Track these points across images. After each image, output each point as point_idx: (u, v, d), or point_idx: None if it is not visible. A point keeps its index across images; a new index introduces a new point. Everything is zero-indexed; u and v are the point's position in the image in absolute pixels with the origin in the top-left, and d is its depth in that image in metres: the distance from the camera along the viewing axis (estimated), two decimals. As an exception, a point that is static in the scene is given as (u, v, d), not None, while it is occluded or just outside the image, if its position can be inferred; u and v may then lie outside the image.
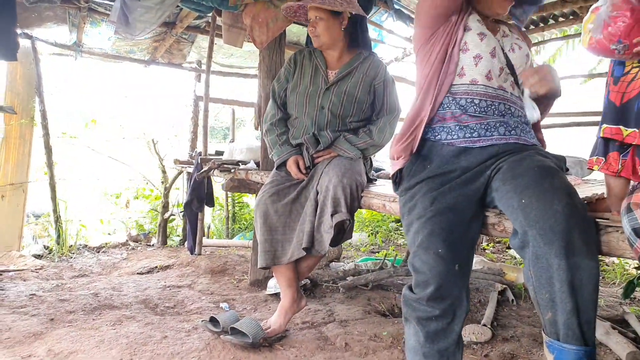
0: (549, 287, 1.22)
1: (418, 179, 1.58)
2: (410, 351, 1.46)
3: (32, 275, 3.47)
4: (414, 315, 1.44)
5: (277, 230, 2.22)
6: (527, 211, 1.28)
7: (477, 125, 1.62)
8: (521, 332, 2.54)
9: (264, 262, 2.21)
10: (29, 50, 4.13)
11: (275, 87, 2.54)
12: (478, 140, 1.60)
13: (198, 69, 5.18)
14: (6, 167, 4.16)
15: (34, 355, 2.06)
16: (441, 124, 1.67)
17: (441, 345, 1.40)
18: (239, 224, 5.77)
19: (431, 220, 1.43)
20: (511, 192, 1.38)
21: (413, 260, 1.43)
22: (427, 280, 1.38)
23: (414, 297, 1.42)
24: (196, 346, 2.20)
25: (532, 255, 1.26)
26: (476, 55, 1.64)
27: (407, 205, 1.56)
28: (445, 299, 1.38)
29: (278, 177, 2.37)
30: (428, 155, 1.65)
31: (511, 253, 4.83)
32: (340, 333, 2.43)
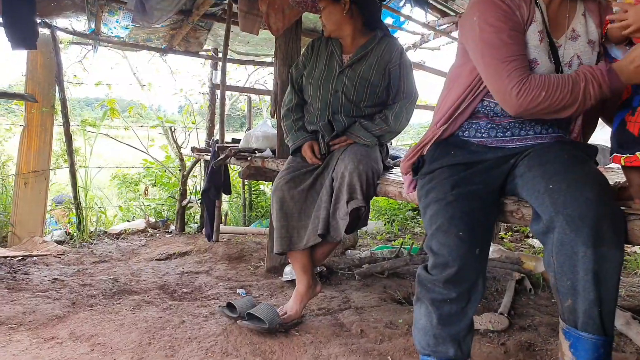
0: (571, 275, 1.21)
1: (439, 164, 1.55)
2: (420, 332, 1.44)
3: (55, 261, 3.54)
4: (428, 296, 1.41)
5: (292, 216, 2.23)
6: (555, 196, 1.25)
7: (511, 123, 1.55)
8: (539, 321, 2.52)
9: (279, 247, 2.22)
10: (49, 39, 4.18)
11: (293, 73, 2.53)
12: (511, 140, 1.54)
13: (215, 57, 5.19)
14: (28, 155, 4.23)
15: (57, 338, 2.11)
16: (470, 119, 1.59)
17: (454, 329, 1.39)
18: (256, 212, 5.80)
19: (452, 205, 1.40)
20: (538, 178, 1.35)
21: (431, 243, 1.41)
22: (446, 262, 1.35)
23: (430, 279, 1.40)
24: (213, 331, 2.23)
25: (556, 241, 1.23)
26: (532, 60, 1.46)
27: (425, 188, 1.53)
28: (463, 282, 1.36)
29: (294, 163, 2.37)
30: (454, 143, 1.60)
31: (529, 242, 4.78)
32: (355, 320, 2.44)
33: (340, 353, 2.04)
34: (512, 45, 1.40)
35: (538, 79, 1.36)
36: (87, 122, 4.95)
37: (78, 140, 4.82)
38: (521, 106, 1.38)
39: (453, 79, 1.63)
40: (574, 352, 1.23)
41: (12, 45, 2.47)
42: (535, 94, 1.35)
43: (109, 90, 5.38)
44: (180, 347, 2.06)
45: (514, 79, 1.37)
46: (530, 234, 5.02)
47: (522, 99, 1.36)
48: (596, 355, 1.20)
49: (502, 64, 1.39)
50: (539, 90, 1.35)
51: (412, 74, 2.45)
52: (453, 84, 1.61)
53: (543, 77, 1.37)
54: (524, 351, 2.15)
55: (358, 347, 2.11)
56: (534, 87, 1.35)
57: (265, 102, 6.51)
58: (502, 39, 1.40)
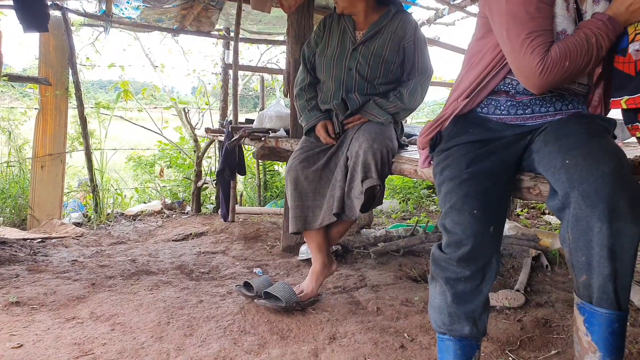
0: (586, 250, 1.20)
1: (456, 141, 1.53)
2: (435, 310, 1.45)
3: (73, 242, 3.60)
4: (442, 275, 1.41)
5: (307, 196, 2.23)
6: (571, 172, 1.23)
7: (531, 100, 1.51)
8: (555, 297, 2.50)
9: (294, 227, 2.23)
10: (60, 21, 4.17)
11: (306, 51, 2.50)
12: (531, 118, 1.51)
13: (226, 36, 5.15)
14: (44, 138, 4.27)
15: (78, 318, 2.15)
16: (490, 96, 1.56)
17: (468, 307, 1.38)
18: (271, 192, 5.82)
19: (466, 183, 1.38)
20: (554, 153, 1.32)
21: (444, 221, 1.40)
22: (460, 240, 1.35)
23: (444, 257, 1.39)
24: (231, 310, 2.25)
25: (572, 216, 1.22)
26: (561, 31, 1.40)
27: (440, 165, 1.52)
28: (477, 260, 1.35)
29: (307, 142, 2.36)
30: (472, 121, 1.57)
31: (545, 219, 4.73)
32: (371, 298, 2.45)
33: (357, 330, 2.06)
34: (539, 19, 1.36)
35: (559, 51, 1.33)
36: (101, 105, 4.98)
37: (92, 123, 4.85)
38: (547, 84, 1.36)
39: (474, 54, 1.59)
40: (589, 326, 1.23)
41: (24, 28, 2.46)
42: (559, 67, 1.33)
43: (122, 72, 5.38)
44: (199, 326, 2.09)
45: (537, 57, 1.34)
46: (547, 211, 4.97)
47: (547, 77, 1.34)
48: (610, 329, 1.20)
49: (526, 39, 1.35)
50: (563, 62, 1.33)
51: (427, 50, 2.40)
52: (475, 60, 1.58)
53: (562, 46, 1.33)
54: (540, 327, 2.14)
55: (374, 325, 2.12)
56: (557, 60, 1.32)
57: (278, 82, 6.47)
58: (529, 12, 1.35)
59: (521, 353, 1.91)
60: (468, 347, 1.42)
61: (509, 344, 1.98)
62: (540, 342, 2.00)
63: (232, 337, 2.00)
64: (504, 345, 1.96)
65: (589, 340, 1.23)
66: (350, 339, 1.98)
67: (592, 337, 1.22)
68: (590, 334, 1.23)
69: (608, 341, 1.20)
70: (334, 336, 2.02)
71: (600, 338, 1.21)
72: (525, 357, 1.86)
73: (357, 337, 1.99)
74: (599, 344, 1.21)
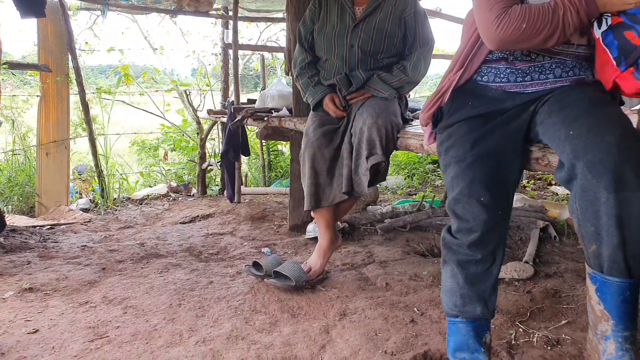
0: (594, 220, 1.19)
1: (457, 117, 1.51)
2: (447, 293, 1.48)
3: (82, 228, 3.62)
4: (453, 258, 1.45)
5: (321, 174, 2.23)
6: (576, 143, 1.22)
7: (530, 68, 1.49)
8: (564, 268, 2.51)
9: (308, 205, 2.25)
10: (57, 6, 4.12)
11: (301, 30, 2.48)
12: (530, 85, 1.49)
13: (225, 15, 5.08)
14: (47, 125, 4.26)
15: (91, 302, 2.18)
16: (488, 64, 1.54)
17: (480, 288, 1.42)
18: (275, 172, 5.82)
19: (472, 167, 1.39)
20: (558, 124, 1.31)
21: (454, 207, 1.42)
22: (470, 227, 1.38)
23: (456, 242, 1.43)
24: (241, 290, 2.27)
25: (578, 187, 1.21)
26: None
27: (445, 145, 1.51)
28: (488, 245, 1.39)
29: (319, 117, 2.33)
30: (471, 93, 1.55)
31: (553, 189, 4.72)
32: (380, 274, 2.46)
33: (367, 306, 2.07)
34: None
35: (518, 11, 1.34)
36: (102, 90, 4.95)
37: (95, 109, 4.84)
38: (501, 39, 1.37)
39: (469, 24, 1.58)
40: (600, 295, 1.24)
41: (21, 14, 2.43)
42: (515, 26, 1.34)
43: (121, 56, 5.33)
44: (210, 306, 2.11)
45: (494, 12, 1.36)
46: (554, 182, 4.96)
47: (502, 32, 1.35)
48: (622, 297, 1.21)
49: None
50: (520, 23, 1.33)
51: (428, 21, 2.39)
52: (468, 29, 1.58)
53: (524, 8, 1.34)
54: (550, 298, 2.15)
55: (384, 300, 2.14)
56: (514, 19, 1.34)
57: (279, 60, 6.41)
58: None
59: (531, 324, 1.92)
60: (479, 328, 1.45)
61: (519, 315, 1.99)
62: (550, 313, 2.01)
63: (243, 316, 2.02)
64: (514, 317, 1.97)
65: (602, 309, 1.24)
66: (361, 315, 2.00)
67: (605, 306, 1.23)
68: (602, 303, 1.23)
69: (620, 309, 1.21)
70: (344, 312, 2.03)
71: (612, 306, 1.22)
72: (535, 328, 1.87)
73: (367, 313, 2.01)
74: (612, 312, 1.22)
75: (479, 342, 1.44)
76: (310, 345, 1.76)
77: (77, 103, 4.57)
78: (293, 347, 1.75)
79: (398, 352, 1.71)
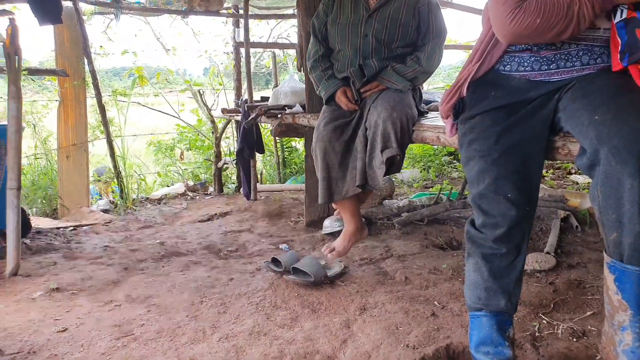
0: (617, 208, 1.17)
1: (480, 109, 1.48)
2: (471, 286, 1.48)
3: (103, 229, 3.68)
4: (478, 251, 1.45)
5: (333, 167, 2.23)
6: (600, 128, 1.20)
7: (556, 55, 1.43)
8: (587, 258, 2.48)
9: (321, 199, 2.25)
10: (72, 12, 4.18)
11: (315, 23, 2.48)
12: (556, 73, 1.44)
13: (236, 14, 5.10)
14: (66, 129, 4.33)
15: (115, 301, 2.21)
16: (511, 54, 1.50)
17: (504, 281, 1.43)
18: (290, 169, 5.84)
19: (497, 162, 1.38)
20: (582, 110, 1.29)
21: (479, 202, 1.41)
22: (496, 223, 1.38)
23: (480, 236, 1.43)
24: (261, 286, 2.29)
25: (601, 174, 1.19)
26: None
27: (467, 137, 1.48)
28: (513, 239, 1.40)
29: (331, 112, 2.33)
30: (493, 83, 1.51)
31: (572, 178, 4.66)
32: (399, 268, 2.47)
33: (387, 300, 2.08)
34: None
35: (534, 5, 1.31)
36: (118, 92, 5.02)
37: (111, 111, 4.90)
38: (514, 34, 1.36)
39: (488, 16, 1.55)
40: (619, 285, 1.22)
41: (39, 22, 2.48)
42: (530, 21, 1.32)
43: (135, 58, 5.39)
44: (231, 303, 2.13)
45: (509, 5, 1.34)
46: (573, 170, 4.89)
47: (516, 26, 1.33)
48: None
49: None
50: (534, 17, 1.31)
51: (440, 12, 2.40)
52: (487, 20, 1.54)
53: (539, 2, 1.31)
54: (573, 289, 2.13)
55: (404, 294, 2.14)
56: (529, 14, 1.31)
57: (290, 56, 6.41)
58: None
59: (555, 315, 1.91)
60: (503, 321, 1.44)
61: (542, 306, 1.98)
62: (575, 304, 1.99)
63: (264, 312, 2.04)
64: (537, 309, 1.96)
65: (620, 298, 1.22)
66: (381, 309, 2.00)
67: (623, 296, 1.21)
68: (620, 292, 1.22)
69: (639, 299, 1.19)
70: (364, 307, 2.04)
71: (631, 296, 1.20)
72: (559, 320, 1.86)
73: (387, 307, 2.01)
74: (630, 302, 1.20)
75: (503, 336, 1.44)
76: (331, 340, 1.77)
77: (94, 106, 4.64)
78: (315, 342, 1.77)
79: (420, 345, 1.71)
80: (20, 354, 1.73)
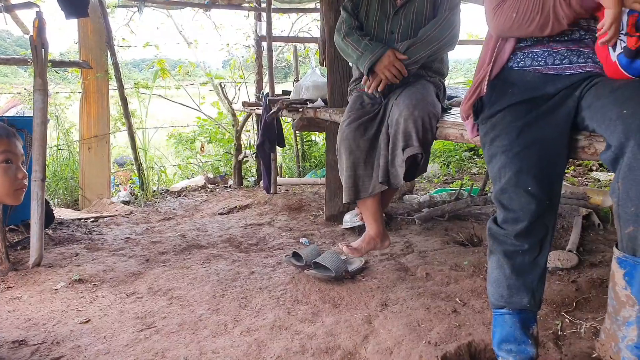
0: (637, 201, 1.17)
1: (500, 106, 1.49)
2: (494, 283, 1.47)
3: (124, 220, 3.73)
4: (500, 248, 1.44)
5: (359, 165, 2.21)
6: (629, 121, 1.19)
7: (568, 51, 1.47)
8: (610, 256, 2.42)
9: (347, 197, 2.24)
10: (96, 5, 4.22)
11: (348, 5, 2.42)
12: (569, 68, 1.46)
13: (258, 7, 5.10)
14: (88, 120, 4.39)
15: (137, 293, 2.24)
16: (524, 50, 1.53)
17: (527, 278, 1.42)
18: (309, 162, 5.84)
19: (519, 156, 1.37)
20: (609, 105, 1.28)
21: (500, 197, 1.41)
22: (517, 217, 1.37)
23: (502, 232, 1.42)
24: (282, 280, 2.30)
25: (625, 166, 1.19)
26: None
27: (489, 135, 1.48)
28: (535, 234, 1.38)
29: (353, 110, 2.30)
30: (510, 81, 1.53)
31: (594, 175, 4.59)
32: (420, 264, 2.46)
33: (408, 297, 2.07)
34: None
35: (511, 2, 1.45)
36: (140, 85, 5.06)
37: (133, 103, 4.94)
38: (497, 27, 1.51)
39: None
40: (629, 280, 1.21)
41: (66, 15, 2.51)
42: (507, 16, 1.46)
43: (157, 51, 5.43)
44: (252, 297, 2.15)
45: (493, 2, 1.50)
46: (594, 167, 4.82)
47: (497, 20, 1.49)
48: None
49: None
50: (510, 12, 1.45)
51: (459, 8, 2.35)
52: None
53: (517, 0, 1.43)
54: (596, 288, 2.11)
55: (425, 290, 2.13)
56: (507, 9, 1.46)
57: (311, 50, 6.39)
58: None
59: (578, 314, 1.88)
60: (526, 319, 1.43)
61: (564, 305, 1.96)
62: (597, 303, 1.97)
63: (285, 306, 2.05)
64: (559, 307, 1.94)
65: (628, 293, 1.21)
66: (402, 305, 2.00)
67: (632, 290, 1.20)
68: (629, 287, 1.21)
69: None
70: (385, 303, 2.04)
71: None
72: (582, 319, 1.84)
73: (408, 303, 2.01)
74: (639, 297, 1.19)
75: (526, 334, 1.43)
76: (353, 336, 1.78)
77: (114, 97, 4.68)
78: (336, 337, 1.77)
79: (442, 342, 1.70)
80: (44, 345, 1.77)
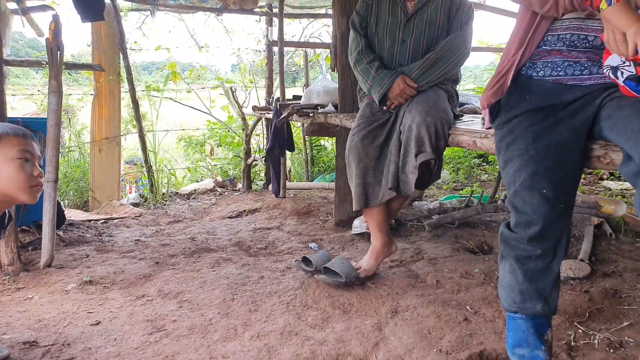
0: None
1: (517, 111, 1.47)
2: (506, 289, 1.45)
3: (134, 222, 3.74)
4: (512, 253, 1.42)
5: (368, 173, 2.21)
6: None
7: (589, 62, 1.44)
8: (623, 266, 2.42)
9: (357, 205, 2.23)
10: (110, 8, 4.26)
11: (356, 19, 2.44)
12: (589, 78, 1.44)
13: (269, 13, 5.12)
14: (100, 122, 4.42)
15: (147, 295, 2.25)
16: (545, 59, 1.50)
17: (540, 284, 1.40)
18: (318, 167, 5.84)
19: (534, 159, 1.36)
20: (632, 116, 1.26)
21: (514, 200, 1.39)
22: (530, 220, 1.35)
23: (514, 237, 1.40)
24: (292, 285, 2.30)
25: None
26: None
27: (505, 140, 1.47)
28: (548, 239, 1.36)
29: (363, 119, 2.30)
30: (528, 87, 1.51)
31: (604, 184, 4.55)
32: (430, 271, 2.44)
33: (418, 304, 2.06)
34: None
35: None
36: (151, 88, 5.09)
37: (144, 106, 4.97)
38: None
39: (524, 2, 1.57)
40: None
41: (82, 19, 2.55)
42: None
43: (168, 54, 5.47)
44: (262, 301, 2.15)
45: None
46: (605, 176, 4.78)
47: None
48: None
49: None
50: None
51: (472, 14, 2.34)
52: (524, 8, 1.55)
53: None
54: (609, 298, 2.08)
55: (435, 298, 2.12)
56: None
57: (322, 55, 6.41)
58: None
59: (591, 325, 1.86)
60: (540, 324, 1.42)
61: (577, 315, 1.94)
62: (611, 314, 1.95)
63: (295, 312, 2.04)
64: (572, 317, 1.92)
65: None
66: (413, 313, 1.99)
67: None
68: None
69: None
70: (395, 310, 2.03)
71: None
72: (595, 329, 1.82)
73: (419, 311, 2.00)
74: None
75: (540, 339, 1.41)
76: (363, 343, 1.77)
77: (125, 99, 4.72)
78: (346, 343, 1.76)
79: (453, 351, 1.69)
80: (55, 346, 1.77)
